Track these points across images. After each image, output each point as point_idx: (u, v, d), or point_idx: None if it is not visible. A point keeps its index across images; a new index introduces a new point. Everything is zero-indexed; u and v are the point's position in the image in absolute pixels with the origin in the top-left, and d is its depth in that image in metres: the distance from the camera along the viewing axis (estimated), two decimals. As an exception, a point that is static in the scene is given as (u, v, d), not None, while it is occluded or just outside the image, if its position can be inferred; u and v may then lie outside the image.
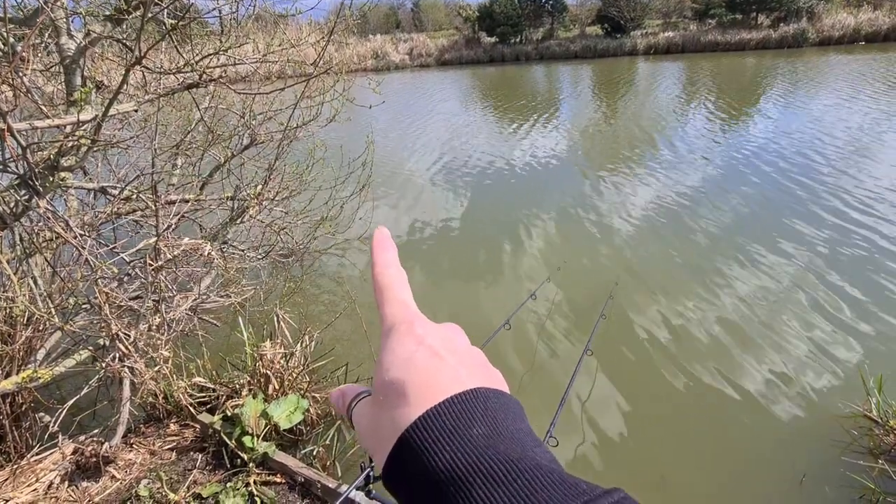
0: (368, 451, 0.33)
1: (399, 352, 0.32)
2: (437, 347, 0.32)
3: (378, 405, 0.32)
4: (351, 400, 0.36)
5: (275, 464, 2.30)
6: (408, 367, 0.31)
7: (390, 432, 0.29)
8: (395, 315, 0.35)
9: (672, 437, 2.72)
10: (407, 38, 29.33)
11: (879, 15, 20.78)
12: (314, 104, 3.80)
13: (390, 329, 0.34)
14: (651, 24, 26.26)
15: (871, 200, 5.54)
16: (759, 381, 3.05)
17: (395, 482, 0.29)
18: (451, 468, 0.26)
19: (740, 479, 2.46)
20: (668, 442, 2.69)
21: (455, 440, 0.27)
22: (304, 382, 2.90)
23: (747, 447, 2.63)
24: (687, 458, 2.59)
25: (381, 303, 0.36)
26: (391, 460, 0.29)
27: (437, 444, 0.27)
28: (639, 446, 2.68)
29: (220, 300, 3.04)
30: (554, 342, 3.55)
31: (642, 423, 2.81)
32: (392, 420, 0.30)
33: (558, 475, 0.25)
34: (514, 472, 0.25)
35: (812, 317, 3.61)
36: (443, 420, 0.28)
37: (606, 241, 5.08)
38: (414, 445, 0.28)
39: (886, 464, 2.39)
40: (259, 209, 3.39)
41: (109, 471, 2.35)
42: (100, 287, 2.23)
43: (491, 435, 0.28)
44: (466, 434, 0.27)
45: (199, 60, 2.58)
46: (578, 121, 10.84)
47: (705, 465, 2.55)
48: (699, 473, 2.51)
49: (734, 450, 2.62)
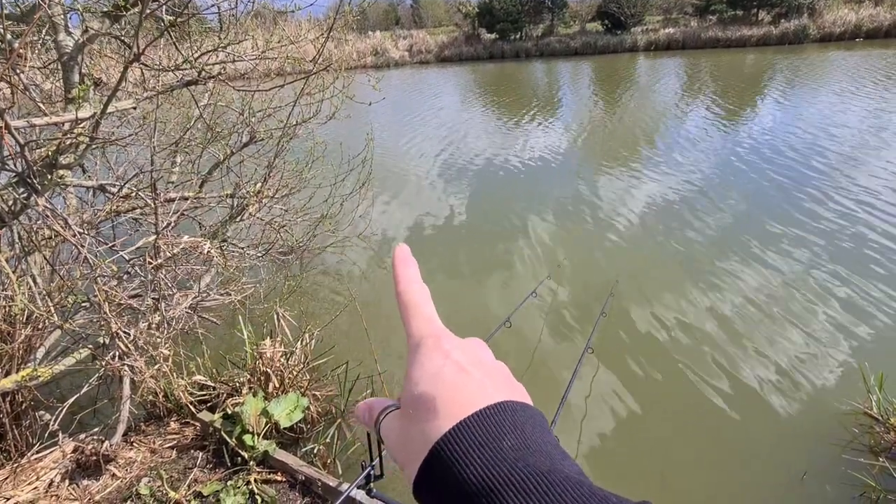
0: (398, 464, 0.33)
1: (427, 366, 0.33)
2: (464, 362, 0.33)
3: (407, 419, 0.32)
4: (379, 413, 0.37)
5: (275, 462, 2.29)
6: (436, 381, 0.32)
7: (420, 445, 0.30)
8: (421, 330, 0.36)
9: (672, 435, 2.72)
10: (406, 34, 29.23)
11: (881, 11, 20.70)
12: (314, 101, 3.79)
13: (417, 344, 0.35)
14: (651, 20, 26.16)
15: (871, 198, 5.53)
16: (759, 379, 3.05)
17: (425, 494, 0.29)
18: (483, 480, 0.26)
19: (741, 477, 2.46)
20: (668, 440, 2.69)
21: (486, 452, 0.28)
22: (305, 380, 2.89)
23: (748, 445, 2.63)
24: (687, 456, 2.59)
25: (407, 319, 0.37)
26: (422, 472, 0.29)
27: (468, 456, 0.28)
28: (639, 444, 2.68)
29: (219, 298, 3.04)
30: (555, 340, 3.55)
31: (643, 421, 2.81)
32: (422, 433, 0.30)
33: (588, 488, 0.26)
34: (545, 485, 0.26)
35: (812, 314, 3.61)
36: (473, 433, 0.29)
37: (607, 238, 5.08)
38: (445, 458, 0.28)
39: (887, 461, 2.39)
40: (259, 207, 3.38)
41: (110, 469, 2.35)
42: (99, 285, 2.23)
43: (520, 447, 0.28)
44: (497, 446, 0.28)
45: (198, 57, 2.56)
46: (578, 118, 10.82)
47: (706, 463, 2.55)
48: (700, 471, 2.51)
49: (735, 447, 2.62)
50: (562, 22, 28.27)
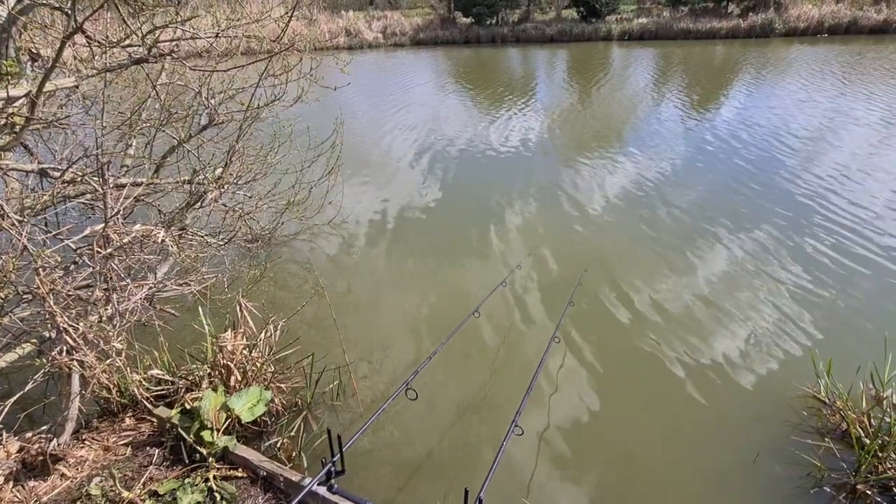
0: None
1: None
2: None
3: None
4: None
5: (236, 458, 2.23)
6: None
7: None
8: None
9: (636, 418, 2.79)
10: (381, 15, 28.49)
11: (841, 8, 21.44)
12: (279, 83, 3.64)
13: None
14: (626, 9, 26.31)
15: (831, 188, 5.76)
16: (718, 364, 3.15)
17: None
18: None
19: (700, 457, 2.55)
20: (631, 422, 2.76)
21: None
22: (269, 373, 2.82)
23: (707, 427, 2.72)
24: (650, 437, 2.66)
25: None
26: None
27: None
28: (604, 427, 2.73)
29: (178, 289, 2.91)
30: (523, 330, 3.57)
31: (607, 406, 2.87)
32: None
33: None
34: None
35: (767, 301, 3.75)
36: None
37: (577, 227, 5.12)
38: None
39: (832, 442, 2.52)
40: (220, 193, 3.23)
41: (59, 469, 2.24)
42: (41, 276, 2.09)
43: None
44: None
45: (148, 33, 2.40)
46: (551, 107, 10.83)
47: (667, 445, 2.63)
48: (661, 451, 2.58)
49: (695, 430, 2.71)
50: (538, 8, 28.10)
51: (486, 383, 3.06)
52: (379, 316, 3.81)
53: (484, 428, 2.73)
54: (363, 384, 3.08)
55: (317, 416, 2.85)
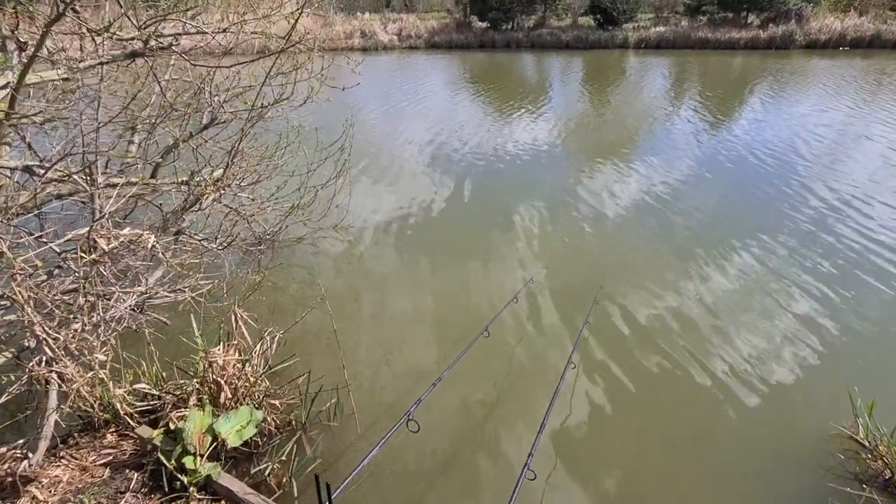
0: None
1: None
2: None
3: None
4: None
5: (219, 487, 2.05)
6: None
7: None
8: None
9: (658, 458, 2.56)
10: (396, 18, 28.45)
11: (864, 21, 20.97)
12: (288, 82, 3.48)
13: None
14: (643, 17, 26.00)
15: (865, 217, 5.49)
16: (747, 396, 2.92)
17: None
18: None
19: (726, 495, 2.33)
20: (653, 462, 2.54)
21: None
22: (261, 390, 2.64)
23: (737, 468, 2.49)
24: (672, 480, 2.44)
25: None
26: None
27: None
28: (626, 474, 2.51)
29: (171, 296, 2.74)
30: (536, 352, 3.35)
31: (625, 445, 2.65)
32: None
33: None
34: None
35: (800, 328, 3.50)
36: None
37: (592, 240, 4.90)
38: None
39: (875, 493, 2.28)
40: (219, 196, 3.07)
41: (30, 490, 2.08)
42: (17, 282, 1.93)
43: None
44: None
45: (146, 25, 2.24)
46: (565, 114, 10.61)
47: (690, 488, 2.40)
48: (684, 498, 2.36)
49: (718, 469, 2.49)
50: (554, 14, 27.88)
51: (496, 415, 2.83)
52: (383, 327, 3.63)
53: (492, 470, 2.50)
54: (363, 402, 2.88)
55: (311, 437, 2.66)
